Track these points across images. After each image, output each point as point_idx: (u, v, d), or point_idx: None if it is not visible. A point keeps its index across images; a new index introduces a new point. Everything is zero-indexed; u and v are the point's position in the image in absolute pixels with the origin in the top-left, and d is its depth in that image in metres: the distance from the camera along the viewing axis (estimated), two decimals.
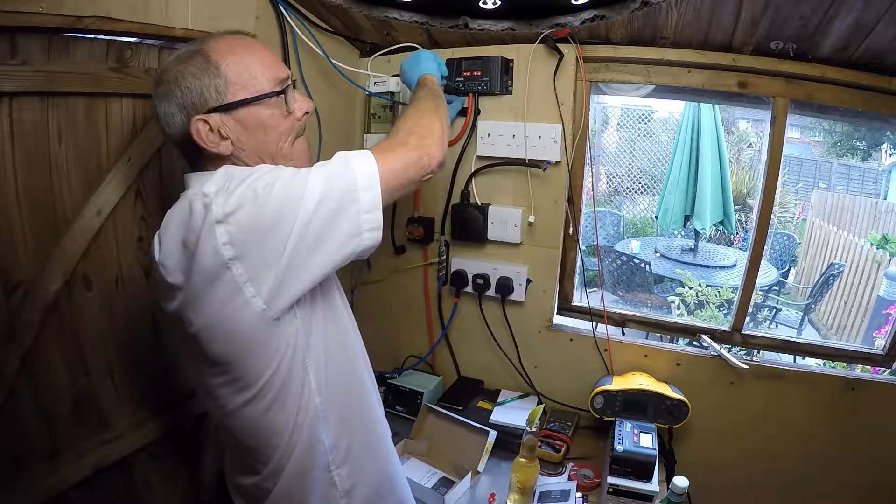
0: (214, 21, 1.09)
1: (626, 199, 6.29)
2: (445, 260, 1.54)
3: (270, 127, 0.81)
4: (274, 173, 0.71)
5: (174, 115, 0.78)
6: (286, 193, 0.69)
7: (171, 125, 0.79)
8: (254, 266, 0.68)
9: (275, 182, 0.69)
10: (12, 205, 0.88)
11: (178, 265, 0.71)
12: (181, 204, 0.74)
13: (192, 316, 0.71)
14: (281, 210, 0.68)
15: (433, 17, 1.30)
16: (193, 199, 0.70)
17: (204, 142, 0.77)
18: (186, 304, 0.71)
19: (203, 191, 0.70)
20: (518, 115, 1.37)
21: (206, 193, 0.69)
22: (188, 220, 0.70)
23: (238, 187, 0.68)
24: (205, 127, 0.77)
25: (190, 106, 0.77)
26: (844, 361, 1.48)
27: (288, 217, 0.68)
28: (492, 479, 1.24)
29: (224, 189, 0.69)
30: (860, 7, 0.99)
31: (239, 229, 0.67)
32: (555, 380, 1.50)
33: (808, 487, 1.36)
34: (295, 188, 0.69)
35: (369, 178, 0.73)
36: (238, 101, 0.78)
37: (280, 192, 0.68)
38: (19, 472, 0.93)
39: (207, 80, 0.77)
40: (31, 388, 0.93)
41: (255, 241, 0.67)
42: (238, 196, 0.67)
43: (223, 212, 0.67)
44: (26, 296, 0.91)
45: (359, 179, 0.73)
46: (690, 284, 3.67)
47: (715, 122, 3.80)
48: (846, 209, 5.41)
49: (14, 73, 0.84)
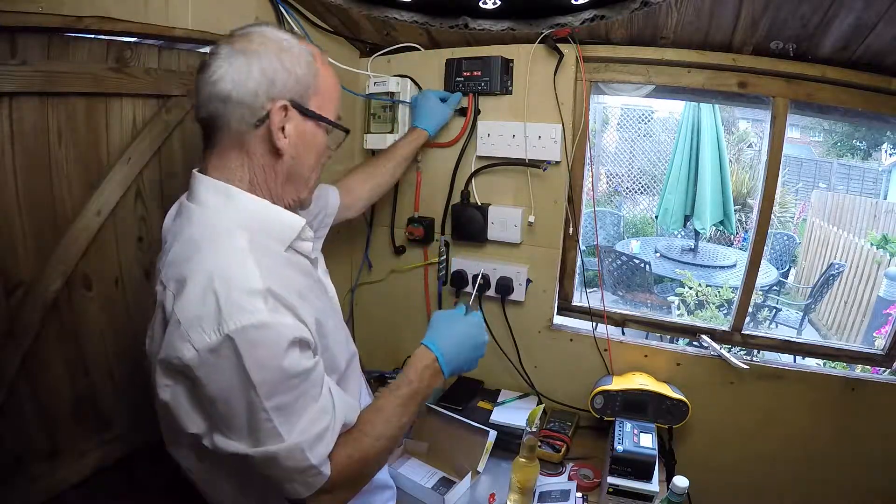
0: (214, 21, 1.09)
1: (626, 199, 6.29)
2: (445, 260, 1.54)
3: (317, 153, 0.81)
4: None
5: (253, 81, 0.71)
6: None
7: (238, 86, 0.71)
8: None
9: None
10: (12, 205, 0.88)
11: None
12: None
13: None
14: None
15: (433, 17, 1.30)
16: (189, 329, 0.64)
17: (274, 126, 0.73)
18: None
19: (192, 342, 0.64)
20: (518, 115, 1.37)
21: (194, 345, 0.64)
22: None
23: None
24: (282, 115, 0.74)
25: (279, 85, 0.72)
26: (844, 361, 1.48)
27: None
28: (492, 479, 1.24)
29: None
30: (860, 7, 0.99)
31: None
32: (555, 380, 1.50)
33: (808, 487, 1.37)
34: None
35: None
36: (317, 114, 0.77)
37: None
38: (19, 472, 0.93)
39: (306, 76, 0.75)
40: (31, 388, 0.93)
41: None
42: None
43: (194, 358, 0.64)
44: (26, 296, 0.91)
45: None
46: (690, 284, 3.67)
47: (715, 122, 3.80)
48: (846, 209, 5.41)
49: (14, 73, 0.84)
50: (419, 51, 1.45)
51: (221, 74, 0.71)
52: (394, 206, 1.57)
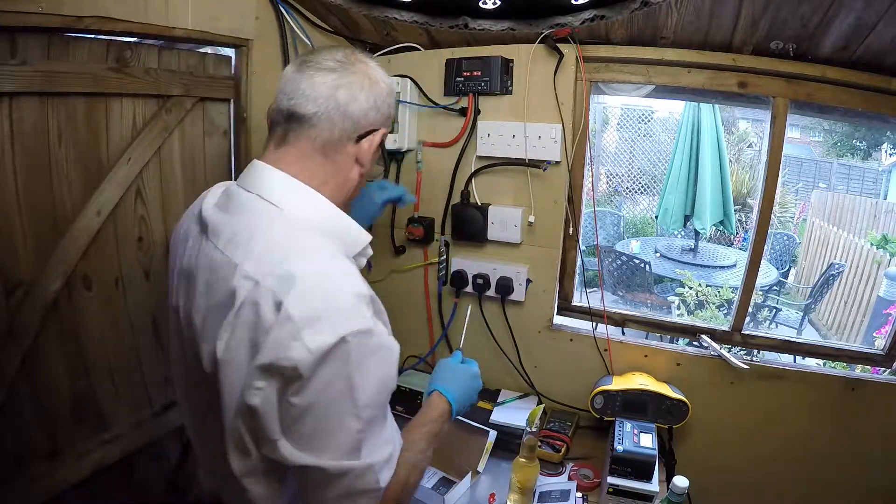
0: (214, 21, 1.09)
1: (626, 199, 6.29)
2: (445, 260, 1.54)
3: (370, 158, 0.80)
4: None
5: (369, 103, 0.75)
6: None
7: (354, 102, 0.74)
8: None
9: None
10: (12, 205, 0.88)
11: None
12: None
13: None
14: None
15: (433, 17, 1.30)
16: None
17: (373, 146, 0.77)
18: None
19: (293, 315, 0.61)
20: (518, 115, 1.37)
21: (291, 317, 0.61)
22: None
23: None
24: (378, 138, 0.78)
25: (382, 114, 0.78)
26: (844, 361, 1.48)
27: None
28: (492, 479, 1.24)
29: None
30: (860, 7, 0.99)
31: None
32: (555, 380, 1.50)
33: (808, 487, 1.37)
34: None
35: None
36: (389, 129, 0.82)
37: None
38: (19, 472, 0.93)
39: (392, 99, 0.81)
40: (31, 388, 0.93)
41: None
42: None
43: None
44: (26, 296, 0.91)
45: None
46: (690, 284, 3.67)
47: (715, 122, 3.80)
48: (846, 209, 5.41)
49: (14, 73, 0.85)
50: (419, 51, 1.45)
51: (344, 83, 0.73)
52: (394, 206, 1.57)
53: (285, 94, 0.73)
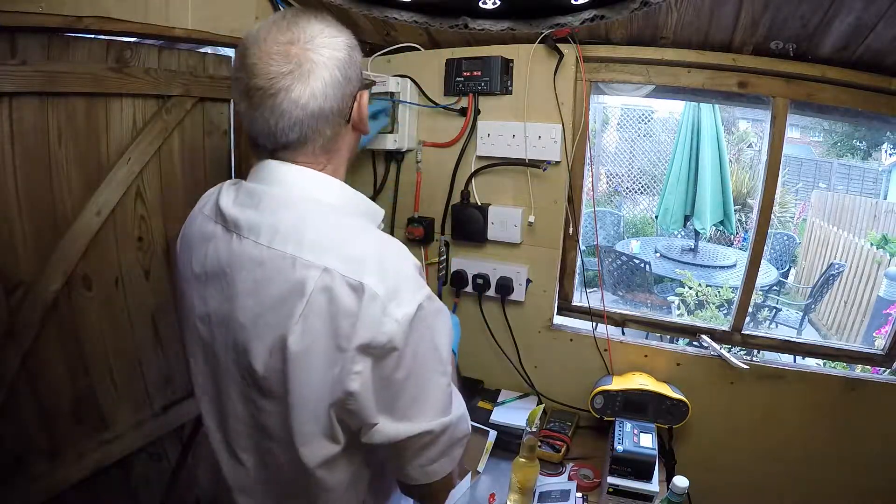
0: (214, 21, 1.09)
1: (626, 199, 6.29)
2: (445, 260, 1.54)
3: (366, 119, 0.77)
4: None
5: (338, 85, 0.68)
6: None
7: (328, 98, 0.68)
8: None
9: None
10: (12, 205, 0.88)
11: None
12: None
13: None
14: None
15: (433, 17, 1.30)
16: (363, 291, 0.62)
17: (362, 113, 0.74)
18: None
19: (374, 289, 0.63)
20: (518, 115, 1.37)
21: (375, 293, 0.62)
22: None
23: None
24: (361, 100, 0.73)
25: (353, 77, 0.71)
26: (844, 361, 1.48)
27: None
28: (492, 479, 1.24)
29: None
30: (860, 7, 0.99)
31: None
32: (555, 380, 1.50)
33: (808, 487, 1.36)
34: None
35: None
36: (368, 80, 0.76)
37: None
38: (19, 472, 0.93)
39: (357, 56, 0.73)
40: (31, 388, 0.93)
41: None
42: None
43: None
44: (26, 296, 0.91)
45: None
46: (690, 284, 3.67)
47: (715, 122, 3.80)
48: (846, 209, 5.41)
49: (14, 73, 0.85)
50: (419, 51, 1.45)
51: (308, 92, 0.66)
52: (394, 206, 1.57)
53: (262, 135, 0.69)
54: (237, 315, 0.68)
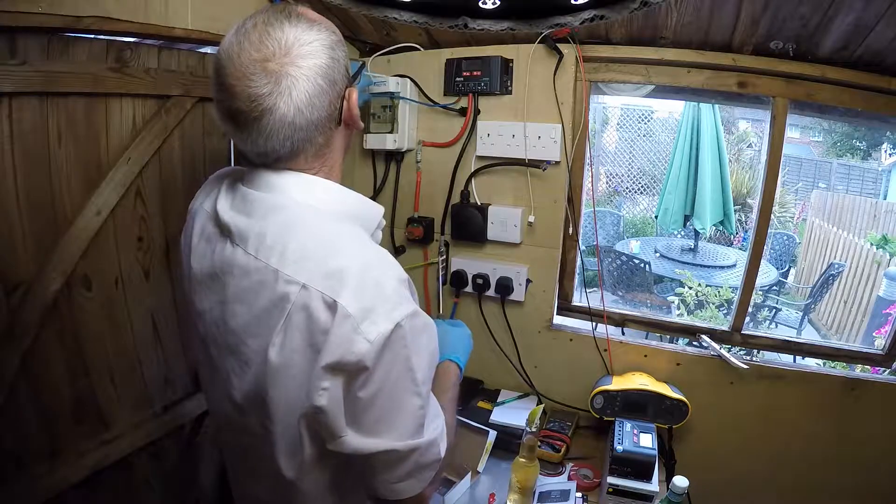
0: (214, 21, 1.09)
1: (626, 199, 6.29)
2: (445, 260, 1.54)
3: (357, 115, 0.74)
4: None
5: (323, 93, 0.65)
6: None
7: (313, 108, 0.65)
8: None
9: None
10: (12, 205, 0.88)
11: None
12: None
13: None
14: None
15: (433, 17, 1.30)
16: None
17: (353, 114, 0.71)
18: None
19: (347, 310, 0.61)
20: (518, 115, 1.37)
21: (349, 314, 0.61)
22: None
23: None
24: (350, 99, 0.70)
25: (339, 79, 0.67)
26: (844, 361, 1.48)
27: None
28: (492, 479, 1.24)
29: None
30: (860, 7, 0.99)
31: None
32: (555, 380, 1.50)
33: (807, 487, 1.37)
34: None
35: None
36: (355, 73, 0.72)
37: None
38: (19, 472, 0.93)
39: (342, 53, 0.69)
40: (31, 388, 0.93)
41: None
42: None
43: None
44: (26, 296, 0.91)
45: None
46: (690, 284, 3.67)
47: (715, 122, 3.80)
48: (846, 209, 5.41)
49: (14, 73, 0.84)
50: (419, 51, 1.45)
51: (293, 106, 0.64)
52: (394, 206, 1.57)
53: (252, 154, 0.68)
54: (227, 319, 0.69)
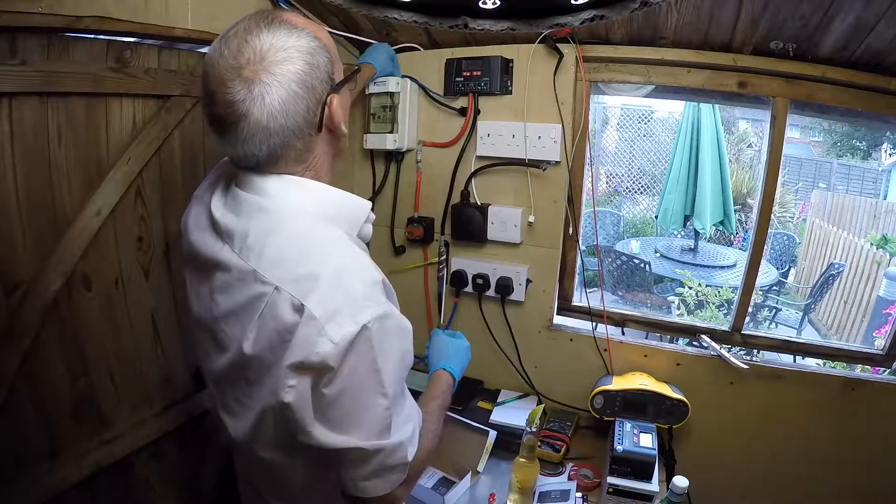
0: (214, 21, 1.09)
1: (626, 199, 6.29)
2: (445, 260, 1.54)
3: (348, 108, 0.75)
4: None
5: (299, 99, 0.66)
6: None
7: (288, 114, 0.65)
8: None
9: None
10: (12, 205, 0.88)
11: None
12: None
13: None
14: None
15: (433, 17, 1.30)
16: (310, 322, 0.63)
17: (335, 120, 0.71)
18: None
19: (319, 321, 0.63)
20: (518, 115, 1.37)
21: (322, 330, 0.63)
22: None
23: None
24: (331, 105, 0.70)
25: (318, 86, 0.67)
26: (844, 361, 1.48)
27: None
28: (492, 479, 1.24)
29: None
30: (860, 7, 0.99)
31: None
32: (555, 380, 1.50)
33: (807, 487, 1.37)
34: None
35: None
36: (343, 79, 0.72)
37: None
38: (19, 472, 0.93)
39: (323, 59, 0.68)
40: (31, 388, 0.93)
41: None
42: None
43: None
44: (26, 296, 0.90)
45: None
46: (690, 284, 3.67)
47: (715, 122, 3.80)
48: (846, 209, 5.41)
49: (14, 73, 0.84)
50: (419, 51, 1.45)
51: (266, 111, 0.64)
52: (394, 206, 1.57)
53: (235, 158, 0.71)
54: (212, 308, 0.73)
